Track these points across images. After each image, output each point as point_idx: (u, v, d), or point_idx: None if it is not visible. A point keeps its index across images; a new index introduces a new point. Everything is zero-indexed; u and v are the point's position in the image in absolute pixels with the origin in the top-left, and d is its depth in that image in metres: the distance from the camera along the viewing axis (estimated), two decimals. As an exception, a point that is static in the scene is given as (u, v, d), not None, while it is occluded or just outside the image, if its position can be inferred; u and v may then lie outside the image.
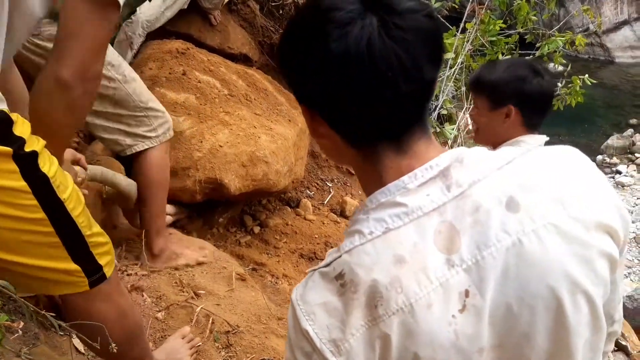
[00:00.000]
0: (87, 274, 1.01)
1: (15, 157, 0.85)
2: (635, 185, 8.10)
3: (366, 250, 0.61)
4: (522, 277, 0.60)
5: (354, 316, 0.61)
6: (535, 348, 0.62)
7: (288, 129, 2.72)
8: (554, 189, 0.62)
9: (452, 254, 0.60)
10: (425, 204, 0.61)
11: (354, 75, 0.58)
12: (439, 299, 0.60)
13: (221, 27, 3.16)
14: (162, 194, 1.76)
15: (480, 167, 0.62)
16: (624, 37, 12.34)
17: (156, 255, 1.80)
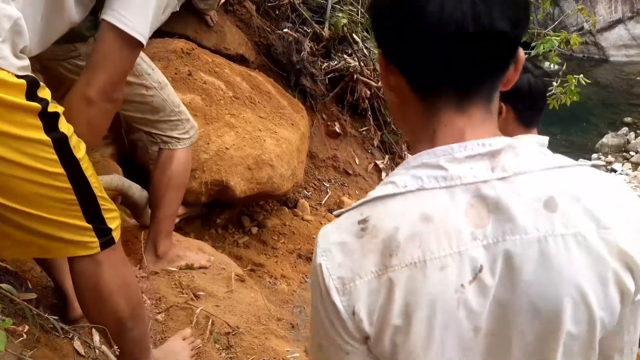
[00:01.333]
0: (98, 235, 1.06)
1: (40, 114, 0.93)
2: (631, 184, 8.14)
3: (396, 201, 0.62)
4: (536, 276, 0.60)
5: (368, 260, 0.62)
6: (523, 349, 0.63)
7: (291, 132, 2.73)
8: (594, 206, 0.62)
9: (477, 228, 0.61)
10: (466, 176, 0.62)
11: (425, 9, 0.58)
12: (453, 265, 0.60)
13: (217, 28, 3.15)
14: (179, 196, 1.78)
15: (530, 160, 0.63)
16: (618, 35, 12.39)
17: (159, 256, 1.80)
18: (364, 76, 3.63)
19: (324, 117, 3.64)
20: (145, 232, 2.04)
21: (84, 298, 1.15)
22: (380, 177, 3.69)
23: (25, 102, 0.92)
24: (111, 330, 1.15)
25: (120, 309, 1.14)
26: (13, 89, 0.91)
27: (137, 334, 1.23)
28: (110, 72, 1.18)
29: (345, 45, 3.68)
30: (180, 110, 1.70)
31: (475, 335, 0.62)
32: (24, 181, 0.94)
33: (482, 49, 0.61)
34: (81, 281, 1.11)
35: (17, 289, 1.42)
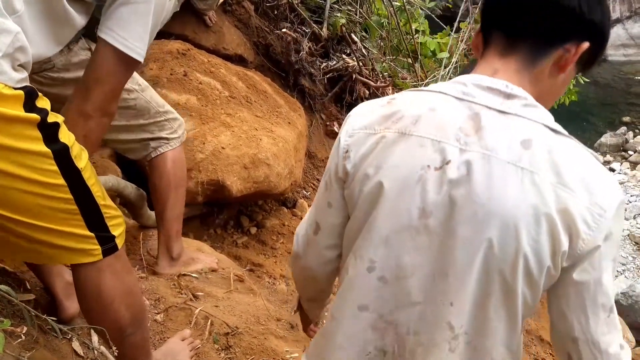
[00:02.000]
0: (100, 242, 1.07)
1: (40, 125, 0.93)
2: (629, 183, 8.16)
3: (421, 94, 0.81)
4: (487, 190, 0.72)
5: (376, 119, 0.80)
6: (459, 247, 0.74)
7: (288, 131, 2.72)
8: (563, 165, 0.72)
9: (463, 134, 0.74)
10: (479, 99, 0.76)
11: None
12: (430, 148, 0.75)
13: (216, 28, 3.15)
14: (182, 194, 1.77)
15: (534, 113, 0.75)
16: (617, 35, 12.41)
17: (174, 258, 1.79)
18: (362, 76, 3.63)
19: (323, 117, 3.64)
20: (144, 233, 2.04)
21: (86, 305, 1.15)
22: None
23: (23, 113, 0.91)
24: (111, 335, 1.15)
25: (120, 316, 1.14)
26: (10, 100, 0.90)
27: (138, 339, 1.23)
28: (107, 88, 1.21)
29: (343, 45, 3.68)
30: (165, 110, 1.70)
31: (420, 216, 0.75)
32: (25, 193, 0.94)
33: (537, 11, 0.75)
34: (83, 288, 1.11)
35: (16, 290, 1.42)
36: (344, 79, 3.61)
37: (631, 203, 7.62)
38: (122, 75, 1.24)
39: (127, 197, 1.92)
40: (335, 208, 0.86)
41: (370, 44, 3.96)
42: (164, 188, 1.70)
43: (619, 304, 5.32)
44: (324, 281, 1.00)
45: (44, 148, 0.94)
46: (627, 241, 7.00)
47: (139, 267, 1.80)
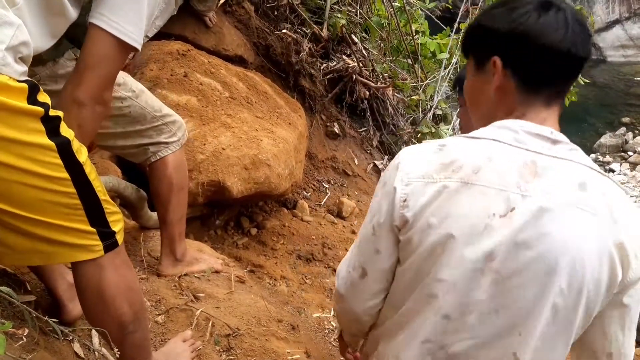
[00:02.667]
0: (101, 238, 1.06)
1: (43, 118, 0.93)
2: (629, 183, 8.15)
3: (473, 142, 0.84)
4: (556, 231, 0.77)
5: (434, 168, 0.82)
6: (520, 293, 0.80)
7: (289, 132, 2.72)
8: (614, 204, 0.81)
9: (523, 181, 0.79)
10: (530, 145, 0.82)
11: (547, 37, 0.83)
12: (494, 196, 0.79)
13: (216, 29, 3.15)
14: (183, 196, 1.76)
15: (578, 156, 0.84)
16: (616, 36, 12.43)
17: (178, 259, 1.78)
18: (362, 77, 3.63)
19: (323, 117, 3.63)
20: (144, 234, 2.03)
21: (87, 302, 1.14)
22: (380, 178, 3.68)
23: (27, 106, 0.91)
24: (113, 333, 1.14)
25: (123, 312, 1.13)
26: (15, 92, 0.90)
27: (139, 338, 1.22)
28: (101, 75, 1.18)
29: (344, 46, 3.68)
30: (163, 114, 1.67)
31: (486, 260, 0.79)
32: (28, 187, 0.93)
33: (572, 67, 0.86)
34: (84, 285, 1.10)
35: (16, 292, 1.42)
36: (344, 80, 3.61)
37: (631, 204, 7.62)
38: (115, 61, 1.21)
39: (128, 197, 1.92)
40: (384, 254, 0.89)
41: (371, 45, 3.95)
42: (164, 192, 1.69)
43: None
44: (368, 322, 1.02)
45: (48, 141, 0.94)
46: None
47: (140, 268, 1.80)
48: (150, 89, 2.38)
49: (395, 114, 3.94)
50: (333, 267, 2.74)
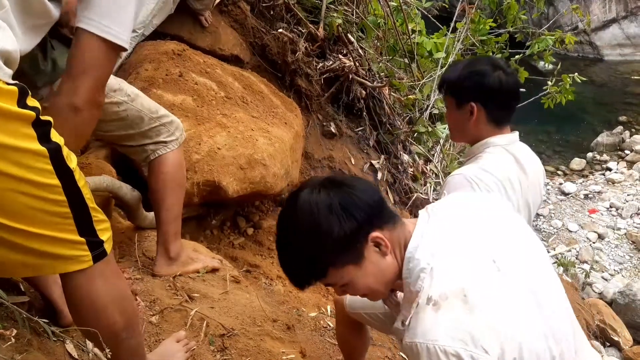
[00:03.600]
0: (90, 248, 1.03)
1: (34, 123, 0.90)
2: (626, 182, 8.17)
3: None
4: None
5: None
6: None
7: (285, 131, 2.71)
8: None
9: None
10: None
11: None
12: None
13: (212, 29, 3.14)
14: (180, 196, 1.76)
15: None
16: (613, 35, 12.43)
17: (173, 258, 1.77)
18: (359, 76, 3.62)
19: (320, 117, 3.63)
20: (139, 234, 2.03)
21: (77, 312, 1.12)
22: (376, 177, 3.69)
23: (18, 109, 0.88)
24: (106, 341, 1.12)
25: (114, 321, 1.12)
26: (4, 95, 0.87)
27: (132, 344, 1.20)
28: (94, 78, 1.19)
29: (340, 45, 3.68)
30: (159, 115, 1.70)
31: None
32: (18, 194, 0.89)
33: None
34: (74, 296, 1.08)
35: (9, 293, 1.41)
36: (341, 80, 3.60)
37: (628, 202, 7.62)
38: (108, 64, 1.22)
39: (123, 197, 1.91)
40: None
41: (367, 44, 3.95)
42: (160, 189, 1.70)
43: (616, 303, 5.32)
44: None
45: (39, 146, 0.91)
46: (624, 240, 7.01)
47: (135, 269, 1.79)
48: (145, 88, 2.38)
49: (392, 113, 3.94)
50: (329, 267, 2.74)
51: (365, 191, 1.02)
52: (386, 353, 2.28)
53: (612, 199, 7.72)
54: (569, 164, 8.95)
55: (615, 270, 6.49)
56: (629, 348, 4.66)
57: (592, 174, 8.63)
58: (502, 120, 1.50)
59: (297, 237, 0.99)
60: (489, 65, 1.47)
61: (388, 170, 3.79)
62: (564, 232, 7.24)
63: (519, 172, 1.50)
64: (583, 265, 6.41)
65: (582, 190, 8.04)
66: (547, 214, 7.61)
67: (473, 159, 1.53)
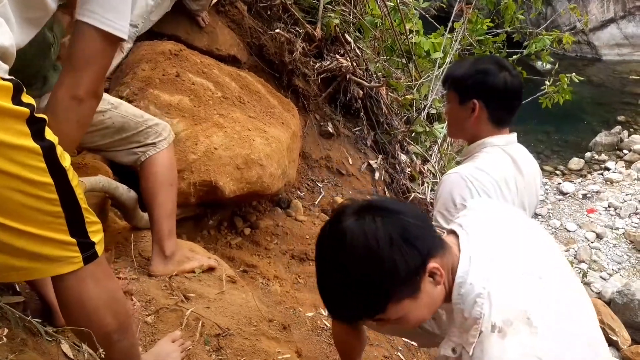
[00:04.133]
0: (81, 249, 1.02)
1: (28, 120, 0.89)
2: (624, 182, 8.17)
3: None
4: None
5: None
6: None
7: (282, 131, 2.71)
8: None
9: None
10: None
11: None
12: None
13: (209, 29, 3.14)
14: (172, 194, 1.77)
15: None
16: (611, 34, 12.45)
17: (168, 257, 1.77)
18: (356, 76, 3.63)
19: (317, 117, 3.63)
20: (135, 234, 2.03)
21: (68, 314, 1.10)
22: (374, 177, 3.69)
23: (12, 106, 0.86)
24: (99, 342, 1.11)
25: (106, 323, 1.11)
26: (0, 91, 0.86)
27: (125, 346, 1.19)
28: (96, 70, 1.22)
29: (337, 45, 3.68)
30: (145, 119, 1.73)
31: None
32: (10, 190, 0.88)
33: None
34: (65, 299, 1.07)
35: (4, 293, 1.41)
36: (338, 79, 3.61)
37: (626, 202, 7.63)
38: (109, 55, 1.25)
39: (119, 198, 1.91)
40: None
41: (364, 44, 3.95)
42: (151, 187, 1.71)
43: (615, 303, 5.33)
44: None
45: (33, 144, 0.90)
46: (622, 240, 7.02)
47: (130, 269, 1.79)
48: (142, 89, 2.38)
49: (389, 113, 3.94)
50: (327, 267, 2.73)
51: (418, 217, 0.96)
52: (383, 352, 2.28)
53: (611, 198, 7.73)
54: (567, 164, 8.96)
55: (614, 269, 6.50)
56: (627, 347, 4.66)
57: (591, 174, 8.64)
58: (502, 120, 1.50)
59: (354, 274, 0.90)
60: (496, 65, 1.47)
61: (385, 170, 3.80)
62: (562, 231, 7.25)
63: (515, 173, 1.49)
64: (581, 264, 6.42)
65: (581, 190, 8.04)
66: (546, 214, 7.62)
67: (470, 158, 1.53)
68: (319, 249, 0.99)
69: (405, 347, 2.39)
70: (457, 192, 1.40)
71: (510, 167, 1.49)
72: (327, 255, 0.96)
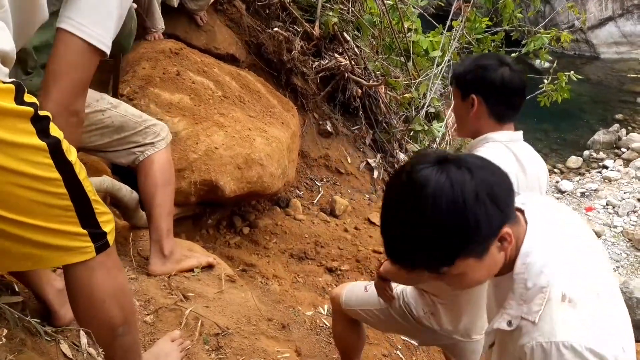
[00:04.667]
0: (93, 239, 1.04)
1: (32, 119, 0.91)
2: (622, 180, 8.19)
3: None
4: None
5: None
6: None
7: (282, 131, 2.71)
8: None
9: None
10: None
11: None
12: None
13: (207, 28, 3.14)
14: (170, 194, 1.77)
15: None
16: (609, 33, 12.46)
17: (166, 256, 1.77)
18: (355, 75, 3.62)
19: (316, 116, 3.63)
20: (134, 233, 2.03)
21: (77, 304, 1.11)
22: (372, 176, 3.69)
23: (16, 106, 0.88)
24: (103, 336, 1.13)
25: (113, 315, 1.11)
26: (1, 93, 0.87)
27: (128, 341, 1.20)
28: (71, 81, 1.15)
29: (336, 44, 3.68)
30: (143, 119, 1.72)
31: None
32: (19, 188, 0.90)
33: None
34: (75, 287, 1.08)
35: (3, 293, 1.41)
36: (337, 78, 3.60)
37: (624, 200, 7.65)
38: (85, 67, 1.17)
39: (122, 199, 1.92)
40: None
41: (363, 43, 3.95)
42: (149, 187, 1.71)
43: (613, 301, 5.33)
44: None
45: (39, 141, 0.92)
46: (620, 238, 7.03)
47: (129, 268, 1.79)
48: (142, 87, 2.38)
49: (388, 111, 3.94)
50: (326, 266, 2.74)
51: (503, 177, 0.92)
52: (382, 351, 2.28)
53: (609, 196, 7.75)
54: (565, 162, 8.97)
55: (612, 267, 6.51)
56: (625, 345, 4.68)
57: (589, 172, 8.65)
58: (503, 116, 1.49)
59: (433, 222, 0.86)
60: (496, 61, 1.47)
61: (384, 169, 3.80)
62: (560, 230, 7.25)
63: (517, 170, 1.48)
64: (580, 262, 6.42)
65: (579, 188, 8.06)
66: (544, 212, 7.62)
67: (475, 151, 1.53)
68: (392, 193, 0.93)
69: (405, 346, 2.39)
70: None
71: (512, 164, 1.47)
72: (404, 200, 0.89)
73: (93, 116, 1.56)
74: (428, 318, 1.58)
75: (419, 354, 2.41)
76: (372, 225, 3.21)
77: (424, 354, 2.43)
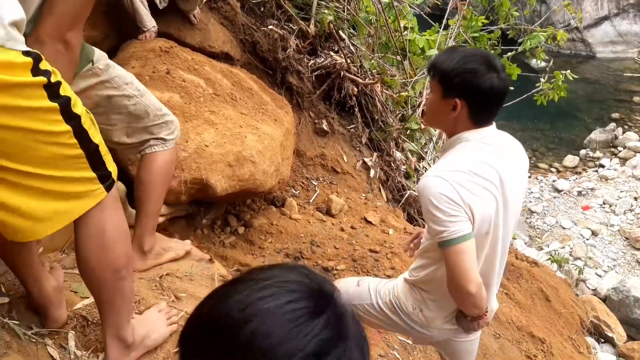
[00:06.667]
0: (101, 181, 1.14)
1: (45, 86, 1.02)
2: (619, 178, 8.19)
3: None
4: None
5: None
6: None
7: (274, 128, 2.68)
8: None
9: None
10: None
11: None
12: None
13: (201, 26, 3.10)
14: (164, 193, 1.78)
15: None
16: (605, 32, 12.49)
17: (146, 252, 1.77)
18: (350, 73, 3.60)
19: (311, 114, 3.60)
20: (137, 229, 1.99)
21: (88, 248, 1.19)
22: (369, 175, 3.67)
23: (31, 78, 0.99)
24: (107, 279, 1.20)
25: (120, 255, 1.20)
26: (20, 68, 0.97)
27: (127, 286, 1.27)
28: (63, 12, 1.18)
29: (331, 42, 3.65)
30: (163, 113, 1.71)
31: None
32: (40, 144, 1.02)
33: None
34: (88, 229, 1.16)
35: (-11, 294, 1.37)
36: (332, 77, 3.58)
37: (621, 199, 7.65)
38: (82, 1, 1.21)
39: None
40: None
41: (359, 41, 3.93)
42: (150, 183, 1.70)
43: (610, 299, 5.33)
44: None
45: (50, 103, 1.03)
46: (617, 236, 7.03)
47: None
48: (132, 86, 2.34)
49: (384, 110, 3.92)
50: (322, 265, 2.71)
51: None
52: (379, 351, 2.25)
53: (606, 195, 7.75)
54: (562, 161, 8.97)
55: (609, 266, 6.51)
56: (623, 344, 4.66)
57: (585, 171, 8.66)
58: (482, 120, 1.47)
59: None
60: (485, 65, 1.42)
61: (381, 167, 3.77)
62: (557, 229, 7.26)
63: (498, 159, 1.47)
64: (577, 261, 6.42)
65: (576, 187, 8.06)
66: (541, 211, 7.62)
67: (445, 154, 1.51)
68: None
69: (401, 346, 2.37)
70: (444, 190, 1.37)
71: (491, 156, 1.45)
72: None
73: (119, 100, 1.56)
74: (417, 314, 1.57)
75: (416, 354, 2.39)
76: (368, 224, 3.19)
77: (420, 354, 2.40)
